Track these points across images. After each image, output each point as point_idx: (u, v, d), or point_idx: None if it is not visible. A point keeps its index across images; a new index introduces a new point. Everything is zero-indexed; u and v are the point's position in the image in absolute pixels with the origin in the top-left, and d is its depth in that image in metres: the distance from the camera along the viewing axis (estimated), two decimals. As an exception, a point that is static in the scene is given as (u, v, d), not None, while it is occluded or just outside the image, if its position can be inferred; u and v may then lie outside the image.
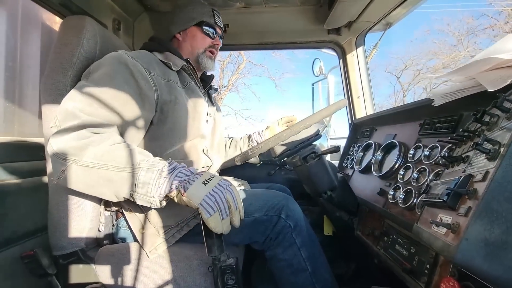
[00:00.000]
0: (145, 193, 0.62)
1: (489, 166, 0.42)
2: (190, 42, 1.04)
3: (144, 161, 0.64)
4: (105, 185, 0.64)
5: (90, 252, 0.85)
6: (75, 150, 0.64)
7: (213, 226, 0.60)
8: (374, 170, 1.02)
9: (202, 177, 0.63)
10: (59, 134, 0.66)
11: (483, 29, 9.10)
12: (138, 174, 0.62)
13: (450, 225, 0.44)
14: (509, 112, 0.46)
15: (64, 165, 0.64)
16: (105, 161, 0.63)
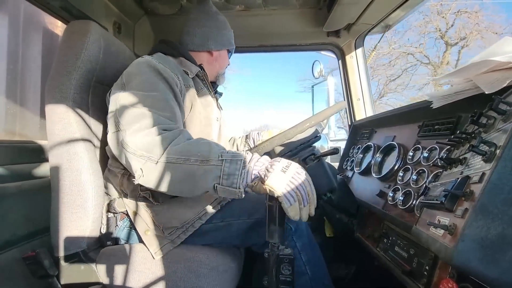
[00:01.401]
0: (230, 185, 0.62)
1: (486, 168, 0.43)
2: (219, 62, 1.11)
3: (225, 153, 0.64)
4: (187, 180, 0.65)
5: (91, 253, 0.85)
6: (151, 146, 0.65)
7: (292, 215, 0.60)
8: (374, 172, 1.02)
9: (279, 164, 0.63)
10: (130, 133, 0.68)
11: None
12: (223, 166, 0.62)
13: (447, 227, 0.44)
14: (505, 114, 0.47)
15: (140, 162, 0.65)
16: (187, 156, 0.63)
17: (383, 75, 10.86)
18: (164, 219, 0.83)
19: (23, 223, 0.87)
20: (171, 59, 0.93)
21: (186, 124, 0.89)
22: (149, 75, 0.80)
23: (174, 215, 0.83)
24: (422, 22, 10.01)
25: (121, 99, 0.75)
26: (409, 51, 10.50)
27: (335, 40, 1.54)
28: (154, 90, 0.77)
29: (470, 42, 10.17)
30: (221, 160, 0.62)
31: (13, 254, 0.82)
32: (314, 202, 0.63)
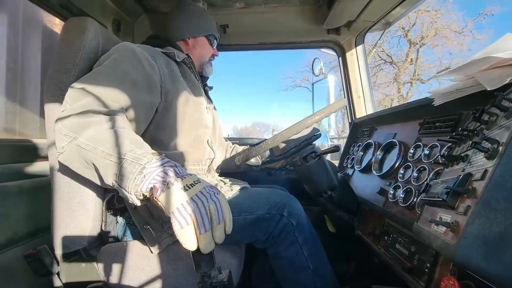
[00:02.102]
0: (124, 187, 0.56)
1: (488, 164, 0.43)
2: (199, 50, 1.12)
3: (131, 152, 0.58)
4: (93, 169, 0.62)
5: (92, 251, 0.85)
6: (76, 127, 0.62)
7: (181, 241, 0.51)
8: (374, 170, 1.02)
9: (185, 180, 0.54)
10: (66, 111, 0.66)
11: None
12: (121, 165, 0.57)
13: (449, 224, 0.44)
14: (507, 111, 0.46)
15: (64, 141, 0.63)
16: (95, 145, 0.60)
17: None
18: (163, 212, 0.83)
19: (24, 222, 0.87)
20: (154, 48, 0.94)
21: (174, 105, 0.89)
22: (119, 53, 0.80)
23: None
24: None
25: (84, 76, 0.74)
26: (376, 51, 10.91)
27: (335, 38, 1.53)
28: (117, 68, 0.76)
29: (428, 40, 10.47)
30: (123, 158, 0.57)
31: (14, 252, 0.82)
32: (220, 229, 0.53)
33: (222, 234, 0.54)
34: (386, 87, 11.68)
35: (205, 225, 0.51)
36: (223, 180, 1.06)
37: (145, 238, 0.82)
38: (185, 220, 0.50)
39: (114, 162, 0.58)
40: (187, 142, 0.93)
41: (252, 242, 0.89)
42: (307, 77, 12.46)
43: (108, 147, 0.59)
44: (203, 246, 0.51)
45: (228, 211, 0.55)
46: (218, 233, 0.53)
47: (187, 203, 0.51)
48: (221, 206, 0.54)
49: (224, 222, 0.54)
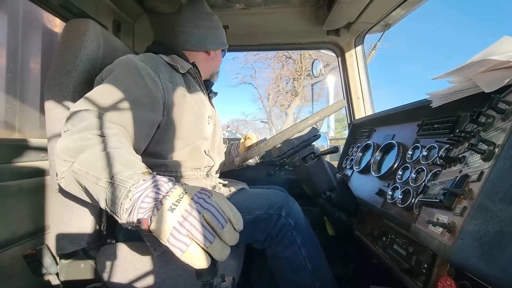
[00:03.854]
0: (115, 212, 0.53)
1: (484, 166, 0.43)
2: (215, 62, 1.13)
3: (118, 175, 0.54)
4: (88, 195, 0.60)
5: (92, 251, 0.85)
6: (73, 152, 0.61)
7: (191, 263, 0.46)
8: (373, 171, 1.02)
9: (169, 199, 0.48)
10: (66, 135, 0.65)
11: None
12: (107, 190, 0.54)
13: (446, 225, 0.45)
14: (504, 113, 0.47)
15: (64, 166, 0.62)
16: (87, 169, 0.58)
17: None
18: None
19: (23, 221, 0.87)
20: (161, 57, 0.92)
21: (177, 122, 0.88)
22: (120, 70, 0.78)
23: None
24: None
25: (86, 95, 0.72)
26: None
27: (335, 39, 1.54)
28: (119, 86, 0.75)
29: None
30: (109, 182, 0.54)
31: (14, 252, 0.82)
32: (228, 230, 0.48)
33: (233, 235, 0.49)
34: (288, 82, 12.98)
35: (207, 238, 0.46)
36: (222, 181, 1.06)
37: (146, 240, 0.82)
38: (183, 243, 0.46)
39: (102, 187, 0.55)
40: (184, 153, 0.92)
41: (251, 243, 0.89)
42: (250, 73, 13.25)
43: (98, 171, 0.56)
44: (217, 256, 0.48)
45: (229, 209, 0.50)
46: (228, 236, 0.48)
47: (179, 225, 0.46)
48: (218, 208, 0.49)
49: (229, 221, 0.49)
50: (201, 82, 1.05)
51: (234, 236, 0.49)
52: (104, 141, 0.63)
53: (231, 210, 0.50)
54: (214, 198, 0.50)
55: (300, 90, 12.35)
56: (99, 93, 0.73)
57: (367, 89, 1.56)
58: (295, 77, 12.31)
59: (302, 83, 12.25)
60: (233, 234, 0.49)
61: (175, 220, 0.46)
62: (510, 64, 0.57)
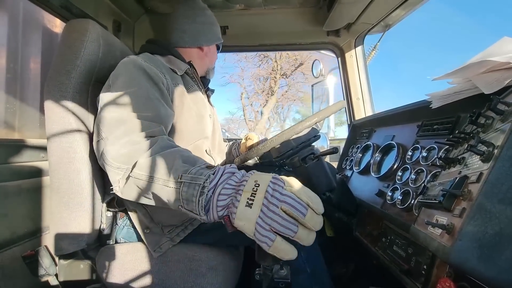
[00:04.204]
0: (191, 210, 0.53)
1: (483, 167, 0.43)
2: (210, 57, 1.11)
3: (186, 173, 0.54)
4: (156, 199, 0.59)
5: (91, 252, 0.85)
6: (126, 158, 0.61)
7: (278, 255, 0.46)
8: (373, 171, 1.02)
9: (244, 194, 0.48)
10: (109, 143, 0.64)
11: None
12: (180, 190, 0.53)
13: (445, 226, 0.45)
14: (503, 114, 0.47)
15: (118, 174, 0.61)
16: (151, 174, 0.57)
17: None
18: (163, 217, 0.83)
19: (22, 222, 0.87)
20: (158, 58, 0.92)
21: (178, 123, 0.88)
22: (132, 73, 0.78)
23: (173, 213, 0.83)
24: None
25: (103, 102, 0.72)
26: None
27: (335, 40, 1.54)
28: (137, 88, 0.75)
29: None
30: (180, 182, 0.54)
31: (13, 252, 0.82)
32: (310, 218, 0.46)
33: (316, 220, 0.47)
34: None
35: (291, 229, 0.46)
36: None
37: (146, 241, 0.82)
38: (268, 238, 0.46)
39: (173, 188, 0.55)
40: None
41: (250, 245, 0.89)
42: (237, 73, 13.41)
43: (164, 172, 0.56)
44: (304, 242, 0.47)
45: (306, 194, 0.48)
46: (312, 223, 0.46)
47: (261, 220, 0.46)
48: (295, 197, 0.47)
49: (309, 207, 0.47)
50: (198, 81, 1.05)
51: (318, 220, 0.47)
52: (154, 142, 0.63)
53: (308, 196, 0.48)
54: (288, 186, 0.49)
55: (276, 89, 12.60)
56: (120, 97, 0.72)
57: (367, 89, 1.56)
58: (272, 77, 12.54)
59: (278, 83, 12.50)
60: (317, 219, 0.47)
61: (255, 217, 0.46)
62: (510, 65, 0.57)
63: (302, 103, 13.58)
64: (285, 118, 13.82)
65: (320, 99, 1.96)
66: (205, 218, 0.52)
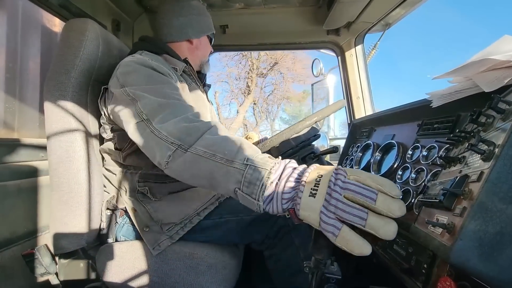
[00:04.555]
0: (250, 193, 0.53)
1: (484, 166, 0.43)
2: (201, 50, 1.08)
3: (251, 158, 0.55)
4: (210, 177, 0.58)
5: (91, 251, 0.85)
6: (185, 133, 0.60)
7: (347, 248, 0.44)
8: (373, 170, 1.02)
9: (307, 185, 0.48)
10: (162, 120, 0.63)
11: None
12: (245, 172, 0.53)
13: (445, 225, 0.44)
14: (504, 113, 0.47)
15: (171, 149, 0.60)
16: (213, 151, 0.57)
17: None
18: (163, 215, 0.83)
19: (22, 221, 0.87)
20: (158, 57, 0.92)
21: None
22: (145, 70, 0.78)
23: (173, 211, 0.83)
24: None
25: (136, 94, 0.70)
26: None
27: (335, 39, 1.53)
28: (159, 83, 0.74)
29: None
30: (246, 164, 0.54)
31: (13, 251, 0.82)
32: (383, 202, 0.43)
33: (392, 204, 0.43)
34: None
35: (358, 215, 0.43)
36: None
37: (145, 239, 0.82)
38: (334, 227, 0.44)
39: (236, 169, 0.54)
40: None
41: (249, 243, 0.89)
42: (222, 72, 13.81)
43: (227, 153, 0.56)
44: (380, 232, 0.43)
45: (373, 180, 0.45)
46: (385, 207, 0.43)
47: (325, 209, 0.45)
48: (358, 184, 0.45)
49: (381, 191, 0.44)
50: (196, 78, 1.04)
51: (396, 204, 0.43)
52: (210, 124, 0.63)
53: (376, 180, 0.45)
54: (351, 175, 0.47)
55: (252, 88, 12.82)
56: (150, 90, 0.71)
57: (367, 88, 1.56)
58: (248, 76, 12.79)
59: (254, 81, 12.75)
60: (392, 202, 0.43)
61: (319, 206, 0.45)
62: (511, 63, 0.56)
63: (289, 102, 13.94)
64: (274, 118, 14.18)
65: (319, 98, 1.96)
66: (261, 204, 0.51)
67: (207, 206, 0.84)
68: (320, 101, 2.04)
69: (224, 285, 0.82)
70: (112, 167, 0.88)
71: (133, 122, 0.68)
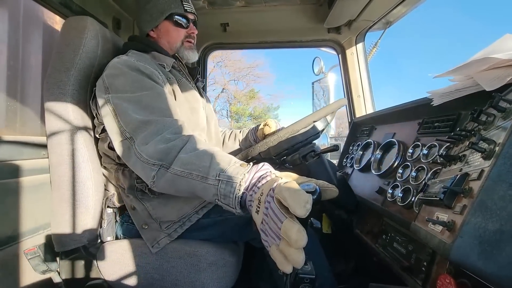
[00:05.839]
0: (228, 204, 0.59)
1: (485, 165, 0.43)
2: (166, 39, 0.99)
3: (223, 172, 0.60)
4: (192, 192, 0.65)
5: (92, 249, 0.86)
6: (162, 155, 0.65)
7: (277, 264, 0.46)
8: (373, 169, 1.02)
9: (255, 201, 0.52)
10: (143, 142, 0.68)
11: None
12: (219, 187, 0.59)
13: (446, 223, 0.45)
14: (504, 112, 0.47)
15: (153, 170, 0.65)
16: (190, 170, 0.62)
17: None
18: (161, 213, 0.83)
19: (24, 219, 0.87)
20: (145, 56, 0.91)
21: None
22: (131, 74, 0.78)
23: (171, 209, 0.83)
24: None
25: (117, 105, 0.74)
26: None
27: (336, 37, 1.53)
28: (143, 89, 0.76)
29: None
30: (218, 180, 0.59)
31: (15, 249, 0.82)
32: (286, 234, 0.43)
33: (294, 235, 0.43)
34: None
35: (274, 239, 0.46)
36: None
37: (144, 237, 0.83)
38: (266, 242, 0.49)
39: (211, 185, 0.60)
40: None
41: (249, 241, 0.89)
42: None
43: (201, 170, 0.61)
44: (290, 261, 0.44)
45: (286, 198, 0.44)
46: (289, 236, 0.43)
47: (262, 225, 0.50)
48: (275, 208, 0.46)
49: (288, 219, 0.44)
50: (186, 73, 1.03)
51: (296, 244, 0.43)
52: (187, 140, 0.68)
53: (288, 201, 0.44)
54: (276, 194, 0.47)
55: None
56: (132, 99, 0.74)
57: (368, 87, 1.56)
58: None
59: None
60: (293, 233, 0.43)
61: (259, 222, 0.50)
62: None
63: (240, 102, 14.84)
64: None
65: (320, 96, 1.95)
66: (240, 212, 0.58)
67: (206, 205, 0.84)
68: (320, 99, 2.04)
69: (225, 282, 0.82)
70: (110, 165, 0.89)
71: (118, 140, 0.73)
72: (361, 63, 1.55)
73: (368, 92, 1.56)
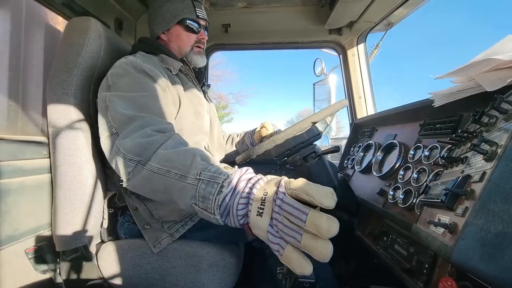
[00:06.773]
0: (205, 208, 0.52)
1: (487, 167, 0.43)
2: (176, 42, 1.01)
3: (206, 171, 0.54)
4: (167, 192, 0.58)
5: (93, 248, 0.86)
6: (141, 149, 0.61)
7: (292, 268, 0.42)
8: (374, 170, 1.02)
9: (254, 204, 0.47)
10: (124, 136, 0.65)
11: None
12: (198, 187, 0.53)
13: (447, 225, 0.44)
14: (506, 113, 0.47)
15: (130, 166, 0.61)
16: (168, 167, 0.57)
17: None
18: (163, 213, 0.84)
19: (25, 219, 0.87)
20: (153, 58, 0.92)
21: (177, 121, 0.89)
22: (136, 75, 0.79)
23: (173, 209, 0.84)
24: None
25: (111, 102, 0.73)
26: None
27: (337, 38, 1.53)
28: (143, 90, 0.77)
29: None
30: (198, 179, 0.53)
31: (16, 248, 0.83)
32: (311, 226, 0.41)
33: (323, 226, 0.40)
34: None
35: (294, 236, 0.42)
36: None
37: (146, 237, 0.83)
38: (279, 246, 0.44)
39: (189, 184, 0.54)
40: None
41: (250, 242, 0.89)
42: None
43: (181, 168, 0.56)
44: (316, 256, 0.40)
45: (307, 191, 0.43)
46: (313, 227, 0.40)
47: (271, 228, 0.45)
48: (294, 203, 0.43)
49: (314, 204, 0.42)
50: (193, 77, 1.04)
51: (325, 226, 0.40)
52: (168, 137, 0.64)
53: (308, 192, 0.43)
54: (290, 190, 0.45)
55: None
56: (129, 97, 0.74)
57: (369, 88, 1.56)
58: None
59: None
60: (322, 224, 0.40)
61: (266, 225, 0.45)
62: (514, 64, 0.56)
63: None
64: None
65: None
66: (218, 218, 0.51)
67: None
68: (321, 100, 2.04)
69: (225, 283, 0.82)
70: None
71: (104, 136, 0.71)
72: (362, 64, 1.55)
73: (369, 94, 1.56)
